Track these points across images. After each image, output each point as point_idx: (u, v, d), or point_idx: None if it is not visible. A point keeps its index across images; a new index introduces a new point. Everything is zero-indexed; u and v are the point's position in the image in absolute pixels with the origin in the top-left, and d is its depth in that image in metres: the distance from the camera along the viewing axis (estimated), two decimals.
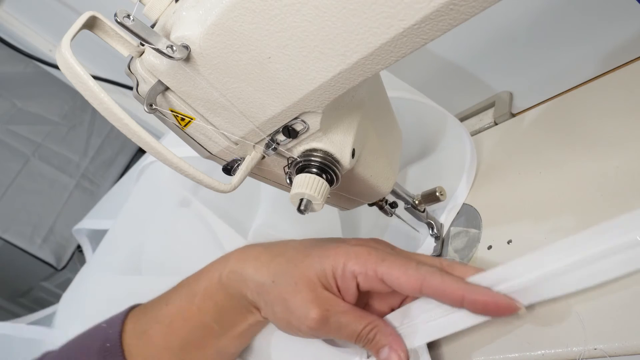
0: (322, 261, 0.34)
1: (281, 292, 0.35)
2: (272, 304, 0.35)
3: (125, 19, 0.23)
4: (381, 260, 0.33)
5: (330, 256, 0.34)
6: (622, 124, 0.38)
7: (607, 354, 0.28)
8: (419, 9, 0.21)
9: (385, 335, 0.34)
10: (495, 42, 0.49)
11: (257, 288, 0.36)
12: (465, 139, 0.47)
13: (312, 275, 0.34)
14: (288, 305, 0.34)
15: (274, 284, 0.35)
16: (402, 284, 0.32)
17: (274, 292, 0.35)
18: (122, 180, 0.76)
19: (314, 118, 0.28)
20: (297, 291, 0.34)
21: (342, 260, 0.34)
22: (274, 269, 0.36)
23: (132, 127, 0.25)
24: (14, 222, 0.86)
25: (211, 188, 0.29)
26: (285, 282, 0.35)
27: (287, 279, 0.35)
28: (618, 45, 0.43)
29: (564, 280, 0.29)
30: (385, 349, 0.33)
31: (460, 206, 0.46)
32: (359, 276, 0.34)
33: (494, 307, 0.30)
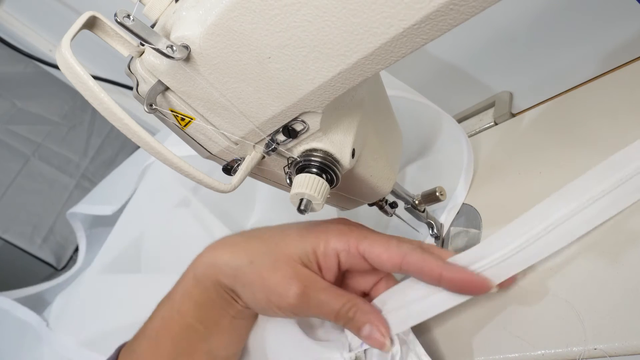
0: (302, 240, 0.35)
1: (260, 272, 0.34)
2: (250, 285, 0.35)
3: (125, 19, 0.23)
4: (363, 237, 0.34)
5: (311, 235, 0.35)
6: (622, 124, 0.38)
7: (607, 354, 0.28)
8: (419, 9, 0.21)
9: (364, 313, 0.34)
10: (495, 42, 0.49)
11: (233, 272, 0.35)
12: (462, 138, 0.47)
13: (291, 253, 0.35)
14: (268, 284, 0.34)
15: (252, 264, 0.35)
16: (384, 260, 0.33)
17: (252, 273, 0.35)
18: (120, 168, 0.75)
19: (314, 118, 0.28)
20: (276, 268, 0.34)
21: (323, 238, 0.34)
22: (252, 250, 0.36)
23: (132, 127, 0.25)
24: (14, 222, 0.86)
25: (211, 188, 0.29)
26: (264, 261, 0.35)
27: (266, 258, 0.35)
28: (618, 45, 0.43)
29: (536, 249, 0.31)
30: (367, 326, 0.33)
31: (460, 206, 0.46)
32: (341, 253, 0.34)
33: (469, 285, 0.31)
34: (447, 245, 0.44)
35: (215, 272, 0.36)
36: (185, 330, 0.37)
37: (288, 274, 0.34)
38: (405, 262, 0.33)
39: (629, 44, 0.43)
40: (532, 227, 0.31)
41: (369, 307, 0.34)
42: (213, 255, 0.37)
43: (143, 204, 0.61)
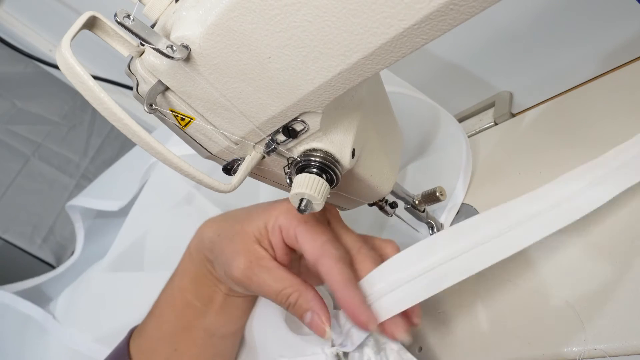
0: (259, 216, 0.36)
1: (222, 245, 0.36)
2: (217, 257, 0.37)
3: (125, 19, 0.23)
4: (304, 222, 0.34)
5: (267, 211, 0.36)
6: (622, 124, 0.38)
7: (607, 354, 0.28)
8: (419, 9, 0.21)
9: (307, 300, 0.34)
10: (495, 42, 0.49)
11: (209, 245, 0.38)
12: (460, 137, 0.47)
13: (249, 229, 0.36)
14: (224, 256, 0.36)
15: (219, 237, 0.37)
16: (305, 250, 0.34)
17: (218, 246, 0.37)
18: (124, 161, 0.75)
19: (314, 118, 0.28)
20: (232, 242, 0.36)
21: (274, 214, 0.35)
22: (221, 226, 0.38)
23: (132, 127, 0.25)
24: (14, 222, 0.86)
25: (211, 188, 0.29)
26: (226, 236, 0.37)
27: (228, 232, 0.37)
28: (618, 45, 0.43)
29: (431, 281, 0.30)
30: (308, 313, 0.33)
31: (460, 206, 0.46)
32: (283, 230, 0.35)
33: (352, 317, 0.31)
34: None
35: (202, 247, 0.38)
36: (185, 307, 0.39)
37: (238, 248, 0.35)
38: (318, 262, 0.33)
39: (629, 44, 0.43)
40: (431, 255, 0.31)
41: (312, 294, 0.34)
42: (201, 231, 0.40)
43: (151, 200, 0.60)
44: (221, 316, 0.40)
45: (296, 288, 0.34)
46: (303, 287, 0.34)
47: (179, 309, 0.39)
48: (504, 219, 0.30)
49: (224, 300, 0.39)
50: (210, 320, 0.39)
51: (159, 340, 0.39)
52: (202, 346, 0.40)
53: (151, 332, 0.40)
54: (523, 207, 0.31)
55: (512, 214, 0.31)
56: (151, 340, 0.40)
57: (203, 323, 0.39)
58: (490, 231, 0.30)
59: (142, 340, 0.40)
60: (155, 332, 0.40)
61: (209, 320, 0.39)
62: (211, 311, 0.39)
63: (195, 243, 0.40)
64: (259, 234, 0.36)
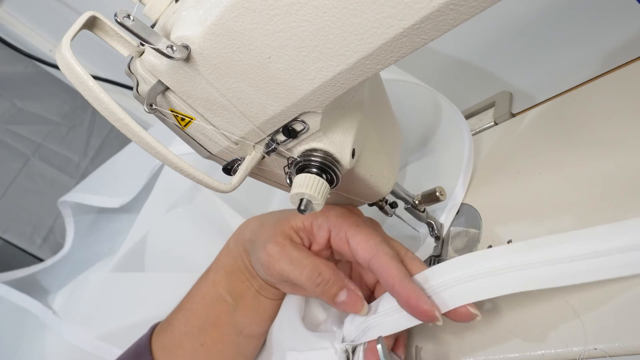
0: (309, 214, 0.37)
1: (261, 232, 0.38)
2: (254, 246, 0.38)
3: (125, 19, 0.23)
4: (355, 225, 0.36)
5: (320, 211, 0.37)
6: (622, 124, 0.38)
7: (607, 354, 0.28)
8: (419, 9, 0.21)
9: (340, 278, 0.35)
10: (495, 42, 0.49)
11: (250, 235, 0.39)
12: (464, 133, 0.47)
13: (292, 220, 0.38)
14: (260, 242, 0.37)
15: (262, 225, 0.39)
16: (359, 250, 0.35)
17: (259, 232, 0.39)
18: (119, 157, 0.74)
19: (314, 118, 0.28)
20: (272, 228, 0.38)
21: (325, 213, 0.37)
22: (265, 217, 0.40)
23: (132, 127, 0.25)
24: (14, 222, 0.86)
25: (211, 188, 0.29)
26: (267, 224, 0.39)
27: (270, 221, 0.39)
28: (618, 45, 0.43)
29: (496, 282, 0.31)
30: (343, 291, 0.35)
31: (459, 205, 0.46)
32: (333, 230, 0.36)
33: (413, 308, 0.31)
34: (447, 245, 0.44)
35: (242, 239, 0.40)
36: (216, 303, 0.40)
37: (276, 231, 0.37)
38: (374, 260, 0.34)
39: (629, 44, 0.43)
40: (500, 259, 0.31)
41: (344, 275, 0.36)
42: (243, 225, 0.42)
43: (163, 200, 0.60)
44: (249, 315, 0.40)
45: (330, 267, 0.35)
46: (335, 269, 0.36)
47: (210, 303, 0.40)
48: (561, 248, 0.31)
49: (254, 298, 0.40)
50: (238, 317, 0.40)
51: (185, 335, 0.40)
52: (228, 343, 0.40)
53: (179, 326, 0.40)
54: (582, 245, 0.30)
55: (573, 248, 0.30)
56: (177, 335, 0.40)
57: (232, 319, 0.40)
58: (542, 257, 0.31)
59: (167, 335, 0.40)
60: (183, 327, 0.40)
61: (237, 318, 0.40)
62: (240, 308, 0.40)
63: (235, 237, 0.41)
64: (301, 226, 0.37)
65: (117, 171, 0.72)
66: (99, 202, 0.68)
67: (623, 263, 0.28)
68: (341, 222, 0.36)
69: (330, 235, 0.37)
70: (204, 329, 0.40)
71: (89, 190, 0.71)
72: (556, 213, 0.37)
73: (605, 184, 0.36)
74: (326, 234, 0.37)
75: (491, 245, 0.40)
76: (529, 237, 0.38)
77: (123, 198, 0.65)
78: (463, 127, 0.47)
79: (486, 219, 0.43)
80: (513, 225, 0.40)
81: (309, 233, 0.38)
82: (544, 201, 0.39)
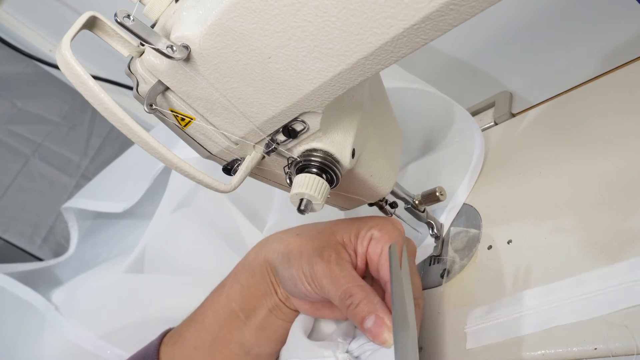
0: (352, 223, 0.37)
1: (302, 240, 0.37)
2: (289, 255, 0.36)
3: (125, 19, 0.23)
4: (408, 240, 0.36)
5: (363, 221, 0.37)
6: (622, 124, 0.38)
7: (607, 354, 0.28)
8: (419, 9, 0.21)
9: (372, 303, 0.32)
10: (495, 42, 0.49)
11: (284, 247, 0.38)
12: (476, 135, 0.46)
13: (336, 232, 0.36)
14: (306, 254, 0.35)
15: (298, 235, 0.37)
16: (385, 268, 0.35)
17: (296, 242, 0.37)
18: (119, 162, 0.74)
19: (314, 118, 0.28)
20: (313, 240, 0.36)
21: (370, 224, 0.36)
22: (301, 229, 0.39)
23: (132, 127, 0.25)
24: (14, 222, 0.86)
25: (211, 188, 0.29)
26: (309, 234, 0.37)
27: (311, 231, 0.37)
28: (618, 45, 0.43)
29: None
30: (371, 316, 0.32)
31: (461, 206, 0.46)
32: (372, 241, 0.36)
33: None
34: (447, 245, 0.44)
35: (265, 252, 0.39)
36: (229, 317, 0.39)
37: (323, 243, 0.35)
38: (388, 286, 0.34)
39: (629, 44, 0.43)
40: None
41: (379, 299, 0.33)
42: (264, 240, 0.40)
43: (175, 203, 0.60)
44: (259, 334, 0.39)
45: (364, 289, 0.33)
46: (371, 291, 0.34)
47: (222, 318, 0.39)
48: None
49: (265, 317, 0.39)
50: (248, 335, 0.39)
51: (195, 349, 0.39)
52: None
53: (189, 339, 0.40)
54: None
55: None
56: (187, 349, 0.39)
57: (241, 337, 0.39)
58: None
59: (177, 347, 0.40)
60: (193, 340, 0.39)
61: (246, 336, 0.39)
62: (251, 326, 0.39)
63: (256, 250, 0.40)
64: (347, 240, 0.36)
65: (119, 176, 0.72)
66: (102, 208, 0.68)
67: None
68: (383, 234, 0.36)
69: (369, 246, 0.36)
70: (213, 345, 0.39)
71: (91, 196, 0.71)
72: (556, 213, 0.37)
73: (605, 183, 0.36)
74: (367, 245, 0.36)
75: (491, 246, 0.40)
76: (529, 237, 0.38)
77: (126, 203, 0.65)
78: (474, 128, 0.46)
79: (486, 219, 0.43)
80: (513, 225, 0.40)
81: (354, 247, 0.37)
82: (544, 201, 0.39)
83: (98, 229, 0.76)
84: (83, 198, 0.72)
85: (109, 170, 0.75)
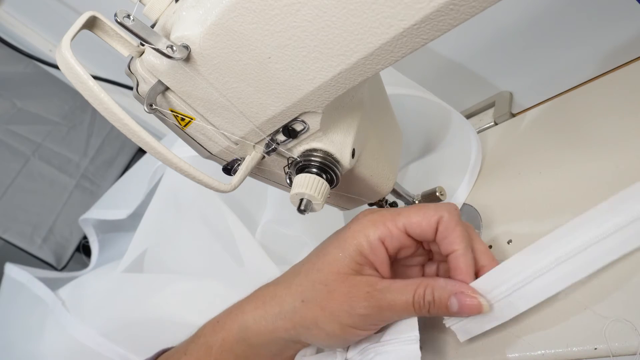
0: (343, 249, 0.32)
1: (317, 305, 0.32)
2: (314, 324, 0.33)
3: (125, 19, 0.23)
4: (397, 214, 0.32)
5: (349, 240, 0.33)
6: (622, 124, 0.38)
7: (607, 354, 0.28)
8: (419, 9, 0.21)
9: (442, 287, 0.31)
10: (495, 42, 0.49)
11: (290, 322, 0.33)
12: (472, 138, 0.47)
13: (339, 269, 0.32)
14: (332, 311, 0.32)
15: (305, 302, 0.33)
16: (423, 226, 0.32)
17: (310, 311, 0.33)
18: (130, 172, 0.76)
19: (314, 118, 0.28)
20: (333, 292, 0.32)
21: (363, 236, 0.32)
22: (298, 289, 0.34)
23: (132, 127, 0.25)
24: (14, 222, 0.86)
25: (211, 188, 0.29)
26: (316, 293, 0.32)
27: (316, 288, 0.33)
28: (618, 45, 0.43)
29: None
30: (452, 298, 0.30)
31: (461, 206, 0.46)
32: (385, 240, 0.32)
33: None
34: None
35: (270, 329, 0.34)
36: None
37: (346, 290, 0.32)
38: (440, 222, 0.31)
39: (629, 44, 0.43)
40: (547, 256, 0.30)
41: (443, 280, 0.31)
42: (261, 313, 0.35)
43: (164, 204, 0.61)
44: None
45: (425, 284, 0.31)
46: (430, 280, 0.31)
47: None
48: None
49: None
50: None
51: None
52: None
53: None
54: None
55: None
56: None
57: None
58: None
59: None
60: None
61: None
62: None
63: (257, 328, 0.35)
64: (356, 265, 0.32)
65: (126, 185, 0.75)
66: (108, 215, 0.71)
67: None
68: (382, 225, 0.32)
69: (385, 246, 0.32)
70: None
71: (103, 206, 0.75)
72: (556, 213, 0.37)
73: (605, 183, 0.36)
74: (382, 248, 0.32)
75: (491, 246, 0.40)
76: (529, 237, 0.38)
77: (129, 209, 0.67)
78: (469, 130, 0.47)
79: (486, 219, 0.43)
80: (513, 225, 0.40)
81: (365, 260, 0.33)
82: (544, 201, 0.39)
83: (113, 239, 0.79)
84: (97, 209, 0.75)
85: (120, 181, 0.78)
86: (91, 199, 0.93)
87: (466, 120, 0.47)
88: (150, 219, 0.60)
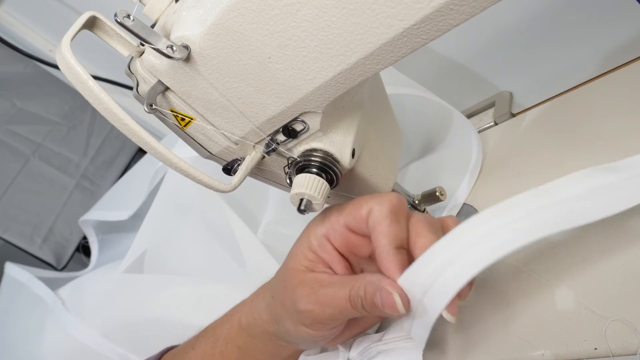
0: (298, 247, 0.33)
1: (279, 300, 0.34)
2: (281, 318, 0.33)
3: (125, 19, 0.23)
4: (342, 210, 0.32)
5: (303, 236, 0.34)
6: (622, 124, 0.38)
7: (607, 354, 0.28)
8: (419, 9, 0.21)
9: (371, 283, 0.29)
10: (495, 42, 0.49)
11: (270, 316, 0.35)
12: (473, 137, 0.47)
13: (296, 266, 0.33)
14: (285, 308, 0.33)
15: (273, 298, 0.34)
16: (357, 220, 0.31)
17: (275, 306, 0.34)
18: (131, 172, 0.77)
19: (314, 118, 0.28)
20: (286, 287, 0.33)
21: (311, 233, 0.33)
22: (270, 285, 0.36)
23: (132, 127, 0.25)
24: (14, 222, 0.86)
25: (211, 188, 0.29)
26: (278, 288, 0.34)
27: (279, 284, 0.34)
28: (618, 45, 0.43)
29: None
30: (377, 294, 0.29)
31: (461, 206, 0.46)
32: (329, 236, 0.32)
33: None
34: None
35: (261, 322, 0.35)
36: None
37: (295, 286, 0.32)
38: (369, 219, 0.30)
39: (629, 44, 0.43)
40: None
41: (374, 276, 0.30)
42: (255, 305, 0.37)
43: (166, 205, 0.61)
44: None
45: (361, 280, 0.30)
46: (367, 275, 0.30)
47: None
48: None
49: None
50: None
51: None
52: None
53: None
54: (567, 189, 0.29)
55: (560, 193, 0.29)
56: None
57: None
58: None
59: None
60: None
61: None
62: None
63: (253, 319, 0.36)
64: (308, 263, 0.32)
65: (127, 185, 0.76)
66: (110, 217, 0.71)
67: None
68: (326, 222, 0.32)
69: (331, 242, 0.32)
70: None
71: (103, 207, 0.75)
72: None
73: None
74: (329, 245, 0.32)
75: None
76: None
77: (130, 210, 0.67)
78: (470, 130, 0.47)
79: None
80: None
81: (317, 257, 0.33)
82: None
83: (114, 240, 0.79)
84: (97, 210, 0.75)
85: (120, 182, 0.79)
86: (91, 199, 0.94)
87: (467, 120, 0.47)
88: (153, 219, 0.60)
